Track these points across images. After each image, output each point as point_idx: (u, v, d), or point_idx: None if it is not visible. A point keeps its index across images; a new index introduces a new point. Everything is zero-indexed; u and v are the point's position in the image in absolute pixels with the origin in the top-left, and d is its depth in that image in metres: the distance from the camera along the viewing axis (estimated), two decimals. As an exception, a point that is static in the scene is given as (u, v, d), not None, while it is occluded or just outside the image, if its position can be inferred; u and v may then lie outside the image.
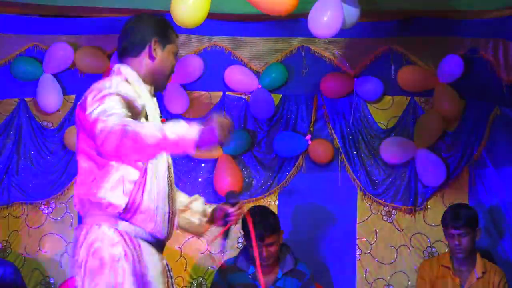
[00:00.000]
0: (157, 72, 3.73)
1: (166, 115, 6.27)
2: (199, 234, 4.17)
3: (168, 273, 3.73)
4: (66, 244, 6.33)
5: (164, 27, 3.79)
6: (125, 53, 3.74)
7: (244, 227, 5.45)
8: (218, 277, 5.65)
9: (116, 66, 3.71)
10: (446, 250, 5.97)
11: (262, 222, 5.30)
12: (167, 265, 3.74)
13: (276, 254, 5.42)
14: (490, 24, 6.27)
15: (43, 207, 6.36)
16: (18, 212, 6.34)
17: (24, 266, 6.26)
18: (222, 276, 5.60)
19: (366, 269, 6.33)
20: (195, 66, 6.33)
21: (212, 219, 4.10)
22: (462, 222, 5.57)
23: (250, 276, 5.46)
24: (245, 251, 5.57)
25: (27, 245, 6.33)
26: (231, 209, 4.05)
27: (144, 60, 3.70)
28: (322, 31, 5.24)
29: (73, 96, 6.36)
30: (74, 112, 6.27)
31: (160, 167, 3.61)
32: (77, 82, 6.34)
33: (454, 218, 5.61)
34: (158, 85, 3.79)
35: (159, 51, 3.72)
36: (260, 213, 5.47)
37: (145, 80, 3.69)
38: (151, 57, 3.70)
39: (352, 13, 5.20)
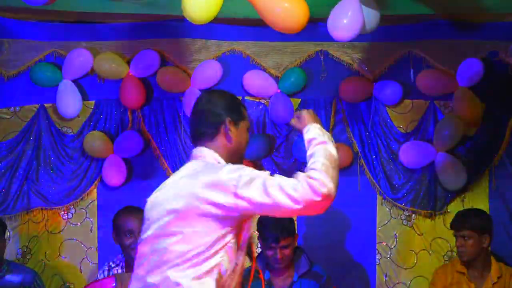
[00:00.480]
0: (234, 153, 3.62)
1: (185, 120, 6.32)
2: None
3: None
4: (86, 249, 6.37)
5: (235, 104, 3.72)
6: (201, 137, 3.61)
7: (259, 229, 5.44)
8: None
9: (204, 151, 3.58)
10: None
11: (278, 224, 5.29)
12: None
13: (291, 257, 5.40)
14: (510, 27, 6.27)
15: (63, 212, 6.39)
16: (38, 217, 6.37)
17: (44, 271, 6.28)
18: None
19: (386, 274, 6.32)
20: (214, 71, 6.33)
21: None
22: (463, 225, 5.56)
23: (266, 282, 5.44)
24: (261, 257, 5.57)
25: (47, 250, 6.37)
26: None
27: (222, 142, 3.59)
28: (341, 34, 5.22)
29: (93, 102, 6.41)
30: (94, 118, 6.36)
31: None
32: (96, 88, 6.41)
33: (456, 221, 5.64)
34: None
35: (234, 130, 3.62)
36: None
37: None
38: (228, 138, 3.59)
39: (371, 18, 5.18)
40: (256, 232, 5.59)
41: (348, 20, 5.08)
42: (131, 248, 5.43)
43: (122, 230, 5.41)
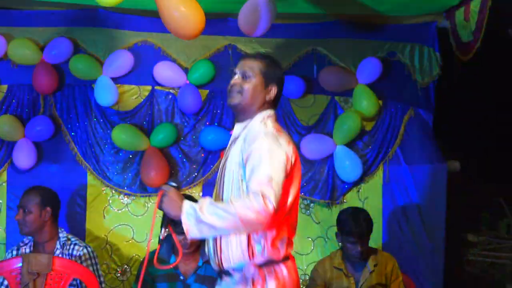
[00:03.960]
0: None
1: (96, 107, 6.45)
2: None
3: None
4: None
5: None
6: None
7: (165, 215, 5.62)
8: (141, 269, 5.77)
9: None
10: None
11: None
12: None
13: (198, 242, 5.55)
14: (407, 30, 6.59)
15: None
16: None
17: None
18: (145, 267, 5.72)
19: None
20: (126, 60, 6.45)
21: None
22: (364, 229, 5.61)
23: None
24: (167, 241, 5.69)
25: None
26: None
27: None
28: (251, 30, 5.43)
29: (5, 86, 6.45)
30: (6, 102, 6.39)
31: None
32: (9, 73, 6.45)
33: (356, 226, 5.59)
34: None
35: None
36: None
37: None
38: None
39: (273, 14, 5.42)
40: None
41: (257, 17, 5.30)
42: (19, 223, 5.58)
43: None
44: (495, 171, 7.27)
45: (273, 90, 4.07)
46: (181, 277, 5.59)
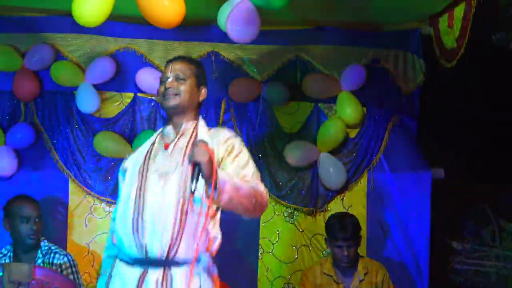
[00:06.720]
0: None
1: (77, 114, 6.40)
2: None
3: None
4: None
5: None
6: None
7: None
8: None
9: None
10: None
11: None
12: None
13: None
14: (391, 36, 6.57)
15: None
16: None
17: None
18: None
19: (267, 268, 6.47)
20: (108, 67, 6.41)
21: None
22: (350, 233, 5.70)
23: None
24: None
25: None
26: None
27: None
28: (239, 36, 5.40)
29: (-13, 92, 6.41)
30: None
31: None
32: (-10, 79, 6.38)
33: (342, 230, 5.72)
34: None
35: None
36: None
37: None
38: None
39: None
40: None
41: (245, 24, 5.28)
42: (26, 235, 5.52)
43: (18, 217, 5.50)
44: (481, 177, 7.24)
45: (204, 91, 4.24)
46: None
